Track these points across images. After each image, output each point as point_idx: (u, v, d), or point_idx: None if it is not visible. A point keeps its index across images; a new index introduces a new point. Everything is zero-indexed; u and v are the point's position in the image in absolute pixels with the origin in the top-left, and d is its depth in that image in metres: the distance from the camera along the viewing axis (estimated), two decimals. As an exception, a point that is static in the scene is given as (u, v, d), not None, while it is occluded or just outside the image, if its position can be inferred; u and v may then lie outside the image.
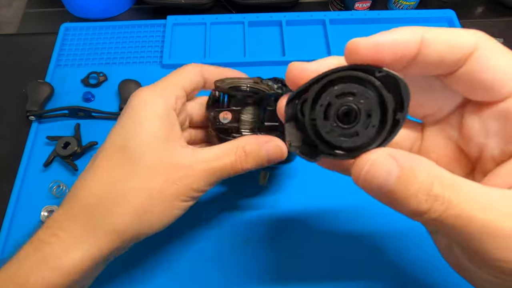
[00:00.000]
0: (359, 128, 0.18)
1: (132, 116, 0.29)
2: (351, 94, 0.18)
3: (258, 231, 0.43)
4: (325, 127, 0.19)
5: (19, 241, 0.42)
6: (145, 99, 0.30)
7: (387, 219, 0.44)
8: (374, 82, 0.18)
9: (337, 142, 0.19)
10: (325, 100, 0.19)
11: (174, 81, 0.32)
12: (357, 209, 0.45)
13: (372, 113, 0.18)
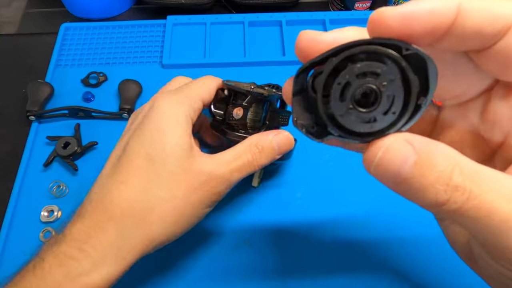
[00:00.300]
0: (377, 114, 0.16)
1: (155, 124, 0.30)
2: (374, 74, 0.16)
3: (258, 232, 0.43)
4: (339, 109, 0.16)
5: (18, 242, 0.42)
6: (167, 107, 0.30)
7: (390, 223, 0.44)
8: (401, 62, 0.16)
9: (352, 127, 0.16)
10: (343, 78, 0.16)
11: (195, 91, 0.33)
12: (357, 209, 0.45)
13: (395, 98, 0.16)
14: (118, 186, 0.28)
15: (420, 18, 0.16)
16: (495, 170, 0.16)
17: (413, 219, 0.44)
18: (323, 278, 0.40)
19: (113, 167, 0.30)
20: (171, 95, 0.31)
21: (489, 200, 0.15)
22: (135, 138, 0.30)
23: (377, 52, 0.16)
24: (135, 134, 0.30)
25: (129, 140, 0.30)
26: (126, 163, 0.29)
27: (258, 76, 0.53)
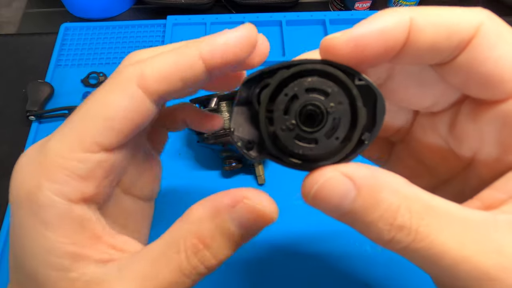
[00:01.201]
0: (320, 135, 0.15)
1: (11, 219, 0.17)
2: (324, 92, 0.15)
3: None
4: (281, 122, 0.15)
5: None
6: (16, 185, 0.16)
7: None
8: (352, 89, 0.15)
9: (290, 145, 0.15)
10: (291, 90, 0.15)
11: (107, 108, 0.16)
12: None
13: (341, 123, 0.15)
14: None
15: (371, 42, 0.15)
16: (450, 203, 0.15)
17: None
18: (323, 277, 0.40)
19: None
20: (35, 148, 0.17)
21: (440, 241, 0.14)
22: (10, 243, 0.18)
23: (330, 73, 0.15)
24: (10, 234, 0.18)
25: None
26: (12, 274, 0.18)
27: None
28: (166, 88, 0.16)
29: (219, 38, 0.16)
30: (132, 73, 0.16)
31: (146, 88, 0.16)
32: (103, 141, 0.16)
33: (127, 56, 0.19)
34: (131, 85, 0.16)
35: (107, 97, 0.16)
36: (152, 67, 0.16)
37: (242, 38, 0.16)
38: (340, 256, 0.42)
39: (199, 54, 0.16)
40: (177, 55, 0.16)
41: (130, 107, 0.16)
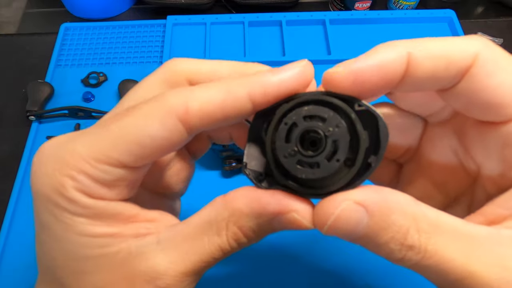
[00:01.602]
0: (321, 159, 0.16)
1: (35, 210, 0.17)
2: (321, 118, 0.16)
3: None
4: (284, 149, 0.16)
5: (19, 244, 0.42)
6: (39, 177, 0.17)
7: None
8: (350, 113, 0.16)
9: (294, 170, 0.16)
10: (290, 119, 0.16)
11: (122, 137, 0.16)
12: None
13: (340, 145, 0.15)
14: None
15: (369, 76, 0.15)
16: (456, 219, 0.16)
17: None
18: (323, 277, 0.40)
19: None
20: (60, 142, 0.17)
21: (446, 257, 0.15)
22: (36, 240, 0.18)
23: (328, 102, 0.16)
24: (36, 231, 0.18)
25: None
26: (39, 274, 0.20)
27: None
28: (207, 125, 0.16)
29: (272, 79, 0.16)
30: (176, 104, 0.16)
31: (187, 123, 0.16)
32: (128, 162, 0.16)
33: (169, 60, 0.19)
34: (172, 117, 0.16)
35: (145, 122, 0.16)
36: (198, 102, 0.16)
37: (299, 80, 0.16)
38: (340, 256, 0.42)
39: (249, 94, 0.16)
40: (226, 93, 0.16)
41: (166, 138, 0.16)
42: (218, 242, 0.17)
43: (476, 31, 0.60)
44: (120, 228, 0.17)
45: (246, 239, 0.17)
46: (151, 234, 0.17)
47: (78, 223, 0.16)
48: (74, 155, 0.16)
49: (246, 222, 0.17)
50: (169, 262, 0.17)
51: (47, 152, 0.17)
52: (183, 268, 0.17)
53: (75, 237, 0.16)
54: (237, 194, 0.17)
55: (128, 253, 0.17)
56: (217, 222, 0.17)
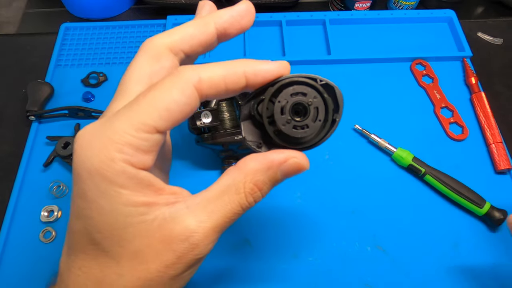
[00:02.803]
0: (309, 121, 0.22)
1: (80, 189, 0.20)
2: (302, 94, 0.22)
3: (257, 231, 0.43)
4: (281, 120, 0.22)
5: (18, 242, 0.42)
6: (87, 157, 0.19)
7: (389, 222, 0.44)
8: (318, 87, 0.22)
9: (292, 133, 0.22)
10: (282, 98, 0.22)
11: (155, 103, 0.20)
12: (357, 208, 0.45)
13: (319, 109, 0.22)
14: (75, 272, 0.22)
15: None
16: None
17: (412, 218, 0.44)
18: (323, 277, 0.40)
19: (68, 248, 0.22)
20: (97, 127, 0.20)
21: None
22: (71, 210, 0.21)
23: (302, 81, 0.22)
24: (71, 203, 0.21)
25: (70, 211, 0.22)
26: (75, 246, 0.22)
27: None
28: (214, 93, 0.21)
29: (262, 65, 0.22)
30: (191, 76, 0.20)
31: (200, 90, 0.20)
32: (161, 126, 0.20)
33: (146, 41, 0.23)
34: (189, 86, 0.20)
35: (170, 91, 0.20)
36: (207, 74, 0.20)
37: (279, 69, 0.22)
38: (340, 256, 0.42)
39: (244, 72, 0.21)
40: (227, 69, 0.21)
41: (187, 103, 0.20)
42: (238, 199, 0.21)
43: (476, 31, 0.60)
44: (154, 197, 0.20)
45: (260, 192, 0.22)
46: (179, 202, 0.21)
47: (123, 194, 0.19)
48: (117, 130, 0.19)
49: (259, 177, 0.22)
50: (199, 221, 0.20)
51: (88, 136, 0.20)
52: (210, 225, 0.21)
53: (120, 208, 0.19)
54: (247, 159, 0.22)
55: (163, 219, 0.20)
56: (235, 184, 0.21)
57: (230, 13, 0.24)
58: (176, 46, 0.23)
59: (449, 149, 0.49)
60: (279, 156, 0.22)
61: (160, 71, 0.22)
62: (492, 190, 0.45)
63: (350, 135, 0.49)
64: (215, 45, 0.24)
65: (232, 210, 0.21)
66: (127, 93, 0.22)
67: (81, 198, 0.20)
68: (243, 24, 0.24)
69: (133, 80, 0.22)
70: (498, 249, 0.43)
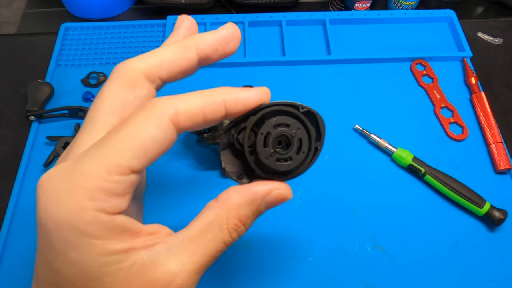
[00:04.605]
0: (292, 153, 0.21)
1: (46, 241, 0.18)
2: (285, 125, 0.21)
3: (256, 233, 0.43)
4: (265, 153, 0.21)
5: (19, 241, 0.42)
6: (54, 207, 0.17)
7: (389, 222, 0.44)
8: (300, 116, 0.21)
9: (275, 166, 0.21)
10: (265, 129, 0.21)
11: (110, 155, 0.17)
12: (357, 208, 0.45)
13: (303, 141, 0.21)
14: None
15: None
16: None
17: (412, 218, 0.44)
18: (323, 277, 0.40)
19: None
20: (64, 170, 0.18)
21: None
22: (37, 259, 0.19)
23: (284, 110, 0.21)
24: (37, 251, 0.19)
25: (36, 259, 0.20)
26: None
27: (258, 76, 0.53)
28: (191, 125, 0.19)
29: (242, 93, 0.20)
30: (167, 109, 0.18)
31: (177, 123, 0.19)
32: (136, 166, 0.18)
33: (119, 65, 0.20)
34: (165, 120, 0.18)
35: (144, 127, 0.18)
36: (184, 105, 0.19)
37: (260, 96, 0.21)
38: (340, 256, 0.42)
39: (224, 101, 0.20)
40: (206, 98, 0.19)
41: (163, 138, 0.18)
42: (221, 235, 0.20)
43: (476, 31, 0.60)
44: (131, 242, 0.18)
45: (244, 226, 0.21)
46: (159, 243, 0.19)
47: (97, 245, 0.17)
48: (87, 174, 0.17)
49: (243, 211, 0.21)
50: (181, 264, 0.19)
51: (54, 182, 0.18)
52: (192, 266, 0.19)
53: (94, 259, 0.17)
54: (230, 193, 0.21)
55: (141, 264, 0.18)
56: (217, 220, 0.20)
57: (214, 38, 0.21)
58: (153, 72, 0.20)
59: (449, 149, 0.49)
60: (263, 188, 0.21)
61: (134, 100, 0.20)
62: (492, 190, 0.45)
63: (350, 135, 0.49)
64: (195, 70, 0.22)
65: (215, 247, 0.20)
66: (97, 124, 0.20)
67: (48, 250, 0.18)
68: (227, 50, 0.22)
69: (104, 110, 0.20)
70: (498, 249, 0.43)
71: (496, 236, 0.43)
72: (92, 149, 0.18)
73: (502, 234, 0.43)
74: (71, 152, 0.20)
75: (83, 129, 0.20)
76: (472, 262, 0.42)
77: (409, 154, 0.46)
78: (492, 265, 0.42)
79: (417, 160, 0.46)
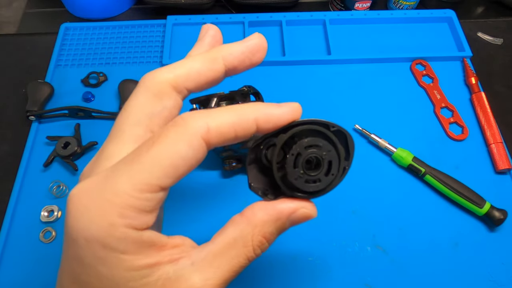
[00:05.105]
0: (321, 175, 0.21)
1: (75, 254, 0.18)
2: (316, 146, 0.21)
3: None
4: (294, 174, 0.20)
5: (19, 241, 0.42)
6: (85, 223, 0.18)
7: (389, 222, 0.44)
8: (331, 137, 0.21)
9: (304, 187, 0.21)
10: (295, 150, 0.20)
11: (143, 174, 0.18)
12: (357, 208, 0.45)
13: (333, 164, 0.21)
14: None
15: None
16: None
17: (412, 218, 0.44)
18: (323, 277, 0.40)
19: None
20: (93, 186, 0.18)
21: None
22: (64, 271, 0.20)
23: (315, 130, 0.21)
24: (63, 264, 0.20)
25: (60, 271, 0.20)
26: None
27: (258, 76, 0.53)
28: (222, 142, 0.20)
29: (274, 110, 0.20)
30: (199, 126, 0.18)
31: (208, 141, 0.19)
32: (166, 184, 0.18)
33: (146, 75, 0.21)
34: (197, 138, 0.18)
35: (176, 146, 0.18)
36: (216, 123, 0.19)
37: (292, 114, 0.21)
38: (340, 256, 0.42)
39: (255, 119, 0.20)
40: (237, 116, 0.19)
41: (194, 157, 0.19)
42: (245, 252, 0.20)
43: (476, 31, 0.60)
44: (157, 257, 0.19)
45: (268, 243, 0.21)
46: (183, 257, 0.20)
47: (125, 260, 0.18)
48: (118, 192, 0.17)
49: (268, 228, 0.21)
50: (205, 279, 0.19)
51: (84, 198, 0.18)
52: (216, 282, 0.19)
53: (122, 273, 0.18)
54: (255, 209, 0.21)
55: (167, 279, 0.19)
56: (242, 237, 0.20)
57: (241, 49, 0.21)
58: (181, 83, 0.20)
59: (449, 149, 0.49)
60: (289, 206, 0.21)
61: (162, 111, 0.20)
62: (492, 190, 0.45)
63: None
64: (221, 80, 0.22)
65: (238, 263, 0.20)
66: (124, 135, 0.20)
67: (77, 263, 0.18)
68: (254, 61, 0.22)
69: (131, 121, 0.20)
70: (498, 249, 0.43)
71: (496, 236, 0.43)
72: (122, 165, 0.18)
73: (502, 234, 0.43)
74: (98, 163, 0.20)
75: (110, 139, 0.20)
76: (472, 262, 0.42)
77: (409, 154, 0.46)
78: (492, 265, 0.42)
79: (417, 160, 0.46)
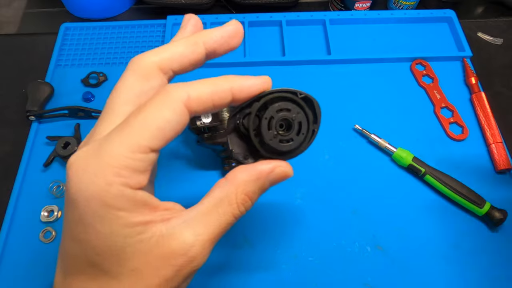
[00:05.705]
0: (293, 135, 0.24)
1: (75, 215, 0.20)
2: (287, 110, 0.23)
3: (257, 231, 0.43)
4: (269, 135, 0.23)
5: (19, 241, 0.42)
6: (84, 182, 0.19)
7: (389, 222, 0.44)
8: (299, 101, 0.23)
9: (278, 147, 0.23)
10: (268, 114, 0.23)
11: (146, 123, 0.20)
12: (357, 209, 0.45)
13: (302, 124, 0.23)
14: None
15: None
16: None
17: (412, 218, 0.44)
18: (323, 277, 0.40)
19: (63, 270, 0.22)
20: (90, 152, 0.20)
21: None
22: (64, 233, 0.21)
23: (284, 97, 0.23)
24: (64, 227, 0.21)
25: (63, 236, 0.22)
26: (72, 268, 0.22)
27: (258, 76, 0.53)
28: (202, 110, 0.22)
29: (247, 81, 0.23)
30: (181, 94, 0.21)
31: (190, 107, 0.21)
32: (155, 145, 0.20)
33: (134, 58, 0.23)
34: (179, 104, 0.20)
35: (161, 111, 0.20)
36: (196, 91, 0.21)
37: (263, 84, 0.23)
38: (340, 256, 0.42)
39: (230, 88, 0.22)
40: (215, 86, 0.22)
41: (178, 121, 0.21)
42: (231, 209, 0.23)
43: (476, 31, 0.60)
44: (151, 216, 0.21)
45: (250, 201, 0.23)
46: (174, 217, 0.22)
47: (122, 217, 0.20)
48: (113, 154, 0.19)
49: (250, 187, 0.23)
50: (196, 234, 0.21)
51: (82, 162, 0.20)
52: (206, 237, 0.21)
53: (119, 230, 0.20)
54: (237, 172, 0.23)
55: (160, 236, 0.20)
56: (227, 196, 0.23)
57: (220, 34, 0.24)
58: (166, 65, 0.23)
59: (449, 149, 0.49)
60: (267, 167, 0.23)
61: (149, 91, 0.22)
62: (492, 190, 0.45)
63: (350, 135, 0.49)
64: (203, 63, 0.24)
65: (226, 220, 0.22)
66: (114, 113, 0.22)
67: (76, 223, 0.20)
68: (232, 44, 0.24)
69: (121, 100, 0.22)
70: (498, 249, 0.43)
71: (496, 236, 0.43)
72: (114, 132, 0.20)
73: (502, 234, 0.43)
74: (92, 138, 0.21)
75: (102, 118, 0.22)
76: (472, 262, 0.42)
77: (409, 154, 0.46)
78: (492, 265, 0.42)
79: (417, 160, 0.46)
